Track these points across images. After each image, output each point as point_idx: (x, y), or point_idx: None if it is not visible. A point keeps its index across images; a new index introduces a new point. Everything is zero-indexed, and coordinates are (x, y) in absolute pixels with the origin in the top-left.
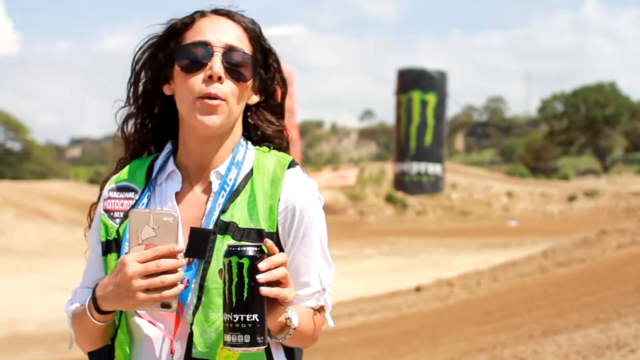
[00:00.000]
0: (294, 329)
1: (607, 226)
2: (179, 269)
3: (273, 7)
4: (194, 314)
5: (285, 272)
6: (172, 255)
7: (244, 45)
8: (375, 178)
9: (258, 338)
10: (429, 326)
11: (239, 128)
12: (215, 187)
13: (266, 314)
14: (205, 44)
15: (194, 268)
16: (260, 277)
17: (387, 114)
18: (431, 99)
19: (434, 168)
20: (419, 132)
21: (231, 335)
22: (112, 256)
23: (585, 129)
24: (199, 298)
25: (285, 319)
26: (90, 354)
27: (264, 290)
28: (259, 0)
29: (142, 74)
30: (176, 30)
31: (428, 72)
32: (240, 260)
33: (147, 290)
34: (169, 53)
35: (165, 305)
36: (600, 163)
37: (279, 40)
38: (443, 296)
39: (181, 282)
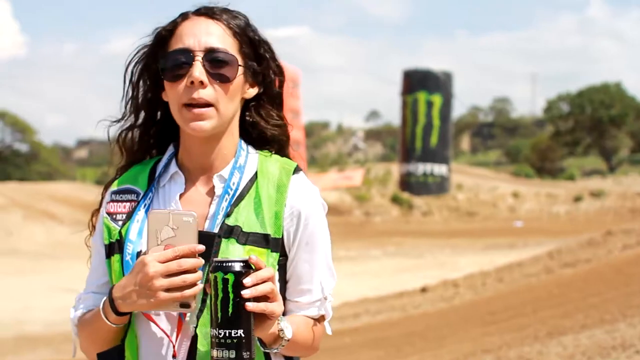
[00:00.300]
0: (287, 340)
1: (613, 227)
2: (198, 269)
3: (277, 9)
4: (198, 317)
5: (271, 287)
6: (193, 255)
7: (226, 43)
8: (381, 179)
9: (244, 353)
10: (435, 327)
11: (236, 125)
12: (218, 190)
13: (253, 328)
14: (185, 50)
15: (199, 272)
16: (246, 293)
17: (392, 115)
18: (437, 99)
19: (439, 169)
20: (425, 132)
21: (217, 350)
22: (115, 258)
23: (591, 129)
24: (203, 301)
25: (278, 330)
26: (99, 355)
27: (250, 306)
28: (263, 1)
29: (140, 84)
30: (162, 38)
31: (434, 73)
32: (225, 276)
33: (167, 290)
34: (158, 62)
35: (185, 305)
36: (606, 163)
37: (284, 42)
38: (449, 297)
39: (200, 282)
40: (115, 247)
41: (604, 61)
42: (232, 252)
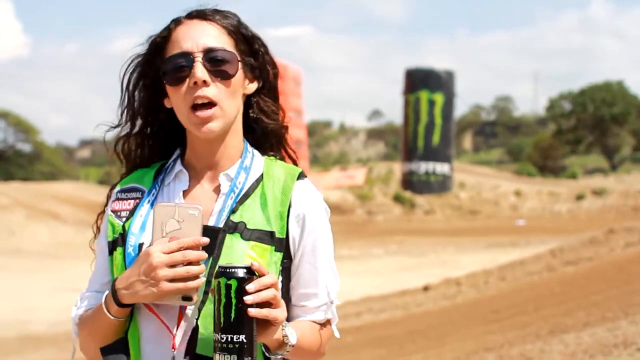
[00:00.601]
0: (292, 346)
1: (615, 225)
2: (201, 262)
3: (280, 8)
4: (200, 309)
5: (274, 294)
6: (197, 247)
7: (222, 41)
8: (383, 178)
9: (245, 358)
10: (437, 325)
11: (240, 123)
12: (225, 188)
13: (255, 334)
14: (185, 54)
15: (202, 264)
16: (248, 299)
17: (395, 114)
18: (439, 98)
19: (442, 167)
20: (427, 131)
21: (219, 355)
22: (118, 251)
23: (593, 127)
24: (206, 293)
25: (283, 336)
26: (102, 349)
27: (252, 312)
28: (265, 1)
29: (136, 93)
30: (158, 45)
31: (436, 72)
32: (229, 282)
33: (171, 281)
34: (157, 69)
35: (187, 298)
36: (608, 162)
37: (286, 41)
38: (451, 295)
39: (203, 276)
40: (118, 241)
41: (606, 60)
42: (237, 247)
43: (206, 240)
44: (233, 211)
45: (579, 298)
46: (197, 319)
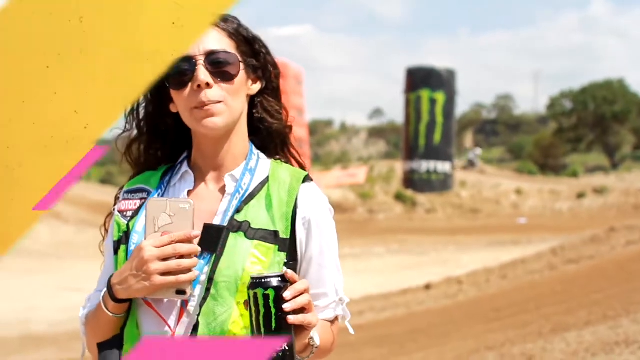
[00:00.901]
0: (317, 347)
1: (616, 223)
2: (194, 256)
3: (280, 8)
4: (200, 306)
5: (308, 299)
6: (189, 240)
7: (224, 44)
8: (384, 176)
9: None
10: (438, 324)
11: (244, 124)
12: (230, 189)
13: (294, 340)
14: (187, 58)
15: (204, 262)
16: (287, 307)
17: (396, 113)
18: (440, 97)
19: (443, 166)
20: (428, 130)
21: None
22: (121, 248)
23: (594, 125)
24: (208, 290)
25: (308, 339)
26: (99, 345)
27: (292, 319)
28: (265, 1)
29: (142, 100)
30: None
31: (437, 71)
32: (266, 292)
33: (163, 274)
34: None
35: (181, 292)
36: (609, 160)
37: (287, 41)
38: (452, 294)
39: (196, 269)
40: (122, 239)
41: (607, 59)
42: (240, 246)
43: (197, 233)
44: (238, 211)
45: (580, 296)
46: (198, 316)
